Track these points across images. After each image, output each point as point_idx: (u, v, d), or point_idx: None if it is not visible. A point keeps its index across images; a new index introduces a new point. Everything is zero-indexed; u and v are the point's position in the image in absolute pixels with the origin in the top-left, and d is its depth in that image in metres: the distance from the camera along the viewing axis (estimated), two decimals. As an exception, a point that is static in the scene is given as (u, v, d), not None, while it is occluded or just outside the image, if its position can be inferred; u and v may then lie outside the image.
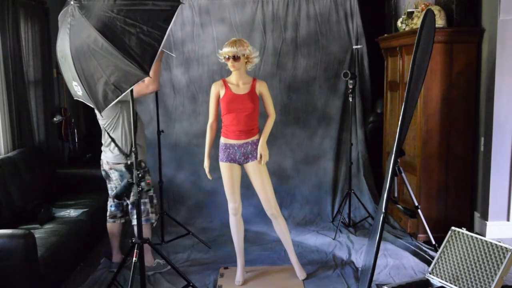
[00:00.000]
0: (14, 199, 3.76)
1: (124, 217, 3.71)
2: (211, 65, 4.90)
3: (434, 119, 4.11)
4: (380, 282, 3.46)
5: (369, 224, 4.64)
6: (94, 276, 3.63)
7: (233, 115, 3.35)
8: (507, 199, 4.11)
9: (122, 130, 3.44)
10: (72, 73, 2.57)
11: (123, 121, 3.43)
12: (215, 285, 3.51)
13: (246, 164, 3.44)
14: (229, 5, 4.86)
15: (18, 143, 4.29)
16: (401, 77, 4.42)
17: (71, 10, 2.48)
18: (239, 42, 3.28)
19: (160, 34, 2.46)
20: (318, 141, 5.03)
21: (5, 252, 2.85)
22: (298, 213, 4.92)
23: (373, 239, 3.18)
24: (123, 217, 3.71)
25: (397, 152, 3.25)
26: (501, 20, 3.86)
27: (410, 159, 4.32)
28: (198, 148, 4.88)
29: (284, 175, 5.02)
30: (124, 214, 3.70)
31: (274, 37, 4.90)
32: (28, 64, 4.55)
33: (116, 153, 3.47)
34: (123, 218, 3.71)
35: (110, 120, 3.42)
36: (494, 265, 2.94)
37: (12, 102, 4.20)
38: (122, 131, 3.45)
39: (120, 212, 3.68)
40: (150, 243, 3.19)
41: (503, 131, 4.01)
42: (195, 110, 4.98)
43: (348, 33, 4.92)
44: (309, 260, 3.89)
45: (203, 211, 4.94)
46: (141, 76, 2.45)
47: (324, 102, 4.98)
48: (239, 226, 3.53)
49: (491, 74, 3.99)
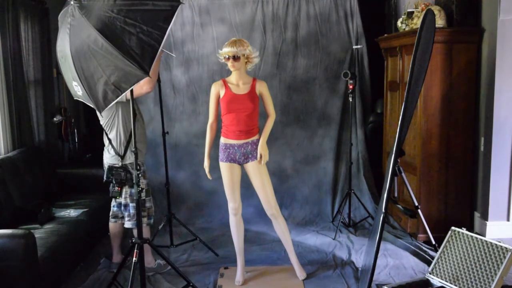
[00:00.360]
0: (14, 199, 3.76)
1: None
2: (211, 65, 4.90)
3: (434, 119, 4.11)
4: (380, 282, 3.46)
5: (369, 224, 4.64)
6: (94, 276, 3.63)
7: (233, 115, 3.35)
8: (507, 199, 4.11)
9: (117, 130, 3.45)
10: (72, 73, 2.57)
11: (118, 122, 3.44)
12: (215, 285, 3.51)
13: (246, 164, 3.44)
14: (229, 5, 4.86)
15: (18, 143, 4.29)
16: (401, 77, 4.42)
17: (71, 10, 2.48)
18: (239, 42, 3.28)
19: (160, 34, 2.46)
20: (318, 141, 5.03)
21: (5, 252, 2.85)
22: (298, 213, 4.92)
23: (373, 239, 3.18)
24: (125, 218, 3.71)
25: (397, 152, 3.25)
26: (501, 20, 3.86)
27: (410, 159, 4.32)
28: (198, 148, 4.88)
29: (284, 175, 5.02)
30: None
31: (274, 37, 4.90)
32: (28, 64, 4.55)
33: (112, 154, 3.48)
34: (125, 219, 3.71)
35: (106, 121, 3.44)
36: (494, 265, 2.94)
37: (12, 102, 4.21)
38: (117, 131, 3.45)
39: (121, 212, 3.69)
40: (150, 243, 3.19)
41: (503, 131, 4.01)
42: (195, 110, 4.98)
43: (348, 33, 4.92)
44: (309, 260, 3.89)
45: (203, 211, 4.94)
46: (141, 76, 2.45)
47: (324, 102, 4.98)
48: (239, 226, 3.53)
49: (491, 74, 3.99)
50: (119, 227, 3.73)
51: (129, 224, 3.56)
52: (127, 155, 3.47)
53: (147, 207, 3.63)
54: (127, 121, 3.44)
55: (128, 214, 3.55)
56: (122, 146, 3.47)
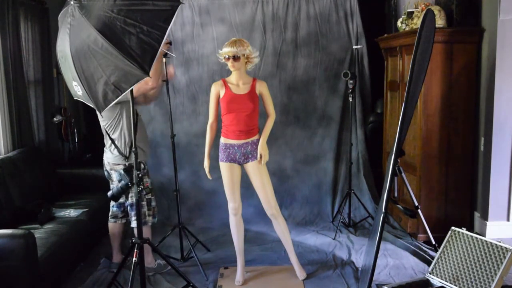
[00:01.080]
0: (14, 199, 3.76)
1: (125, 218, 3.72)
2: (211, 65, 4.90)
3: (434, 119, 4.11)
4: (380, 282, 3.46)
5: (369, 224, 4.64)
6: (94, 276, 3.63)
7: (233, 115, 3.35)
8: (507, 199, 4.11)
9: (121, 131, 3.45)
10: (72, 73, 2.57)
11: (123, 122, 3.43)
12: (215, 285, 3.51)
13: (246, 164, 3.44)
14: (229, 5, 4.86)
15: (18, 143, 4.29)
16: (401, 77, 4.42)
17: (71, 10, 2.48)
18: (239, 42, 3.28)
19: (160, 34, 2.46)
20: (318, 141, 5.03)
21: (5, 252, 2.85)
22: (298, 213, 4.92)
23: (373, 239, 3.18)
24: (124, 218, 3.72)
25: (397, 152, 3.25)
26: (501, 20, 3.86)
27: (410, 159, 4.32)
28: (198, 148, 4.88)
29: (284, 175, 5.02)
30: (125, 214, 3.71)
31: (274, 37, 4.90)
32: (28, 64, 4.55)
33: (116, 154, 3.48)
34: (124, 219, 3.72)
35: (110, 121, 3.43)
36: (494, 265, 2.94)
37: (12, 102, 4.21)
38: (121, 132, 3.45)
39: (121, 212, 3.69)
40: (150, 243, 3.19)
41: (503, 131, 4.01)
42: (195, 110, 4.98)
43: (348, 33, 4.92)
44: (309, 260, 3.89)
45: (203, 211, 4.94)
46: (141, 76, 2.45)
47: (324, 102, 4.98)
48: (239, 226, 3.53)
49: (491, 74, 3.99)
50: (119, 227, 3.73)
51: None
52: (132, 155, 3.46)
53: (153, 206, 3.65)
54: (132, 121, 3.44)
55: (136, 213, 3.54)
56: (127, 146, 3.46)
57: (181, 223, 3.97)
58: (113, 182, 3.58)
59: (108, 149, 3.53)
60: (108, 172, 3.58)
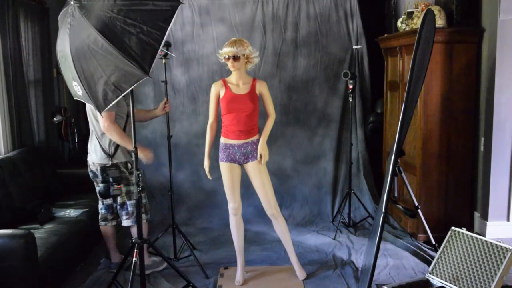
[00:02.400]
0: (14, 199, 3.76)
1: (116, 219, 3.68)
2: (211, 65, 4.90)
3: (434, 119, 4.11)
4: (380, 282, 3.46)
5: (369, 224, 4.64)
6: (94, 276, 3.64)
7: (233, 115, 3.35)
8: (507, 199, 4.11)
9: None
10: (72, 73, 2.57)
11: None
12: (215, 285, 3.51)
13: (246, 164, 3.44)
14: (229, 5, 4.86)
15: (18, 143, 4.29)
16: (401, 77, 4.42)
17: (71, 10, 2.48)
18: (239, 42, 3.28)
19: (160, 34, 2.46)
20: (318, 141, 5.03)
21: (5, 252, 2.85)
22: (298, 213, 4.92)
23: (373, 239, 3.18)
24: (115, 219, 3.68)
25: (397, 152, 3.25)
26: (501, 20, 3.86)
27: (410, 159, 4.32)
28: (198, 148, 4.88)
29: (284, 175, 5.02)
30: (116, 216, 3.67)
31: (274, 37, 4.90)
32: (28, 64, 4.55)
33: (101, 154, 3.47)
34: (115, 221, 3.68)
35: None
36: (494, 265, 2.94)
37: (12, 102, 4.21)
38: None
39: (110, 214, 3.66)
40: (150, 243, 3.20)
41: (503, 131, 4.01)
42: (195, 110, 4.98)
43: (348, 33, 4.92)
44: (309, 260, 3.89)
45: (203, 211, 4.94)
46: (141, 76, 2.45)
47: (324, 102, 4.98)
48: (239, 226, 3.53)
49: (491, 74, 3.99)
50: (111, 229, 3.71)
51: (128, 222, 3.55)
52: (117, 154, 3.46)
53: (143, 203, 3.63)
54: (119, 121, 3.43)
55: (126, 212, 3.53)
56: (112, 146, 3.46)
57: (174, 223, 3.99)
58: (99, 183, 3.55)
59: (93, 151, 3.52)
60: (94, 172, 3.55)
